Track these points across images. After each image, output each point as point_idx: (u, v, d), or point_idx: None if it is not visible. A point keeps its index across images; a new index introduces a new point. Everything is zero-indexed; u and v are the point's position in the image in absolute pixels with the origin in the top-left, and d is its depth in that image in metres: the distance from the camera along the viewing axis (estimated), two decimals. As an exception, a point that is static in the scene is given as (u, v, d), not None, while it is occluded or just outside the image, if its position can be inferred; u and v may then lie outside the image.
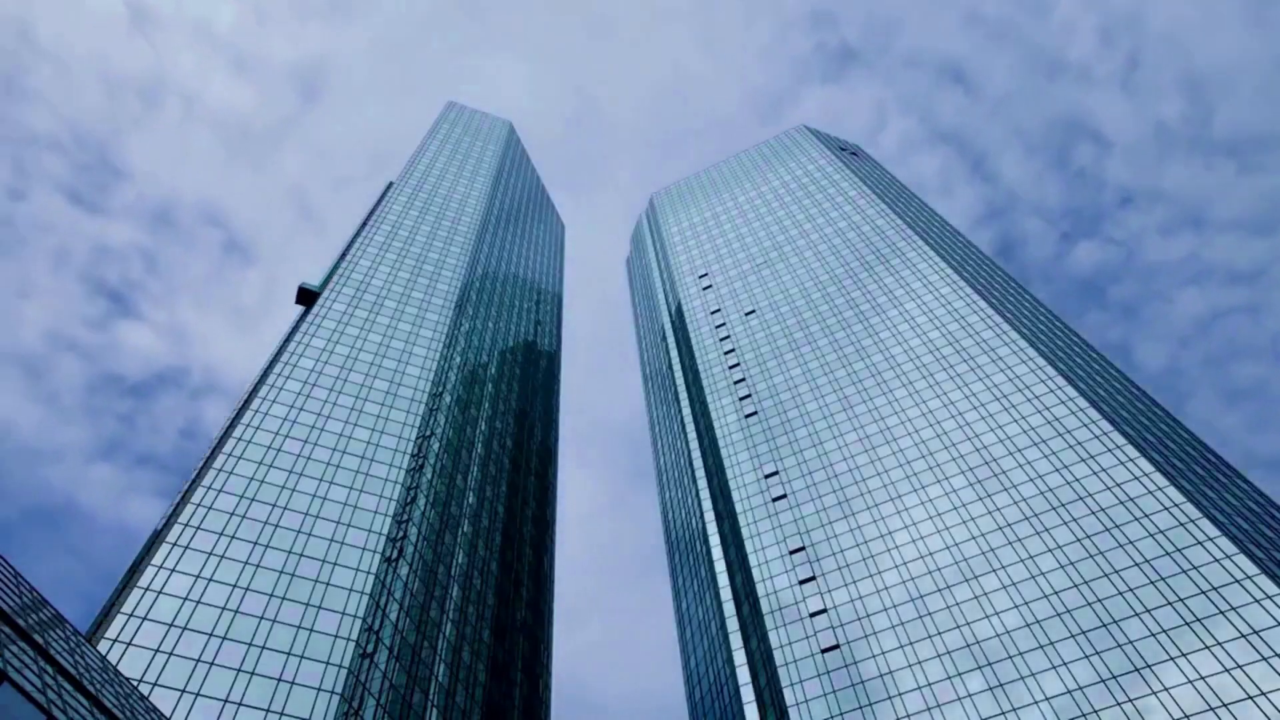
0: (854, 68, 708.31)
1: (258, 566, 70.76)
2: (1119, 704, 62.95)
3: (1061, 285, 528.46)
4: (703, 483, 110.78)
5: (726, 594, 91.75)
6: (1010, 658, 69.94)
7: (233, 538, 72.38)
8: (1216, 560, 68.91)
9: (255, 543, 72.80)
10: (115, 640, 60.08)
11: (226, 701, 59.39)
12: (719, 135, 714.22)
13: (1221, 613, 65.24)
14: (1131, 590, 70.05)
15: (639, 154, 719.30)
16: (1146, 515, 75.25)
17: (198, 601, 65.57)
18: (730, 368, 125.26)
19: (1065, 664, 67.38)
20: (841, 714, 72.11)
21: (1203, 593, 67.18)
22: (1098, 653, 66.95)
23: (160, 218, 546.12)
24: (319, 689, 62.61)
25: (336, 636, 67.31)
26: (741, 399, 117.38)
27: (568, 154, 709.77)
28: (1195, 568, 69.22)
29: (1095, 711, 63.22)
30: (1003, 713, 66.39)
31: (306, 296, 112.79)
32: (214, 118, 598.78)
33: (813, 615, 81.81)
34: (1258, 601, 64.70)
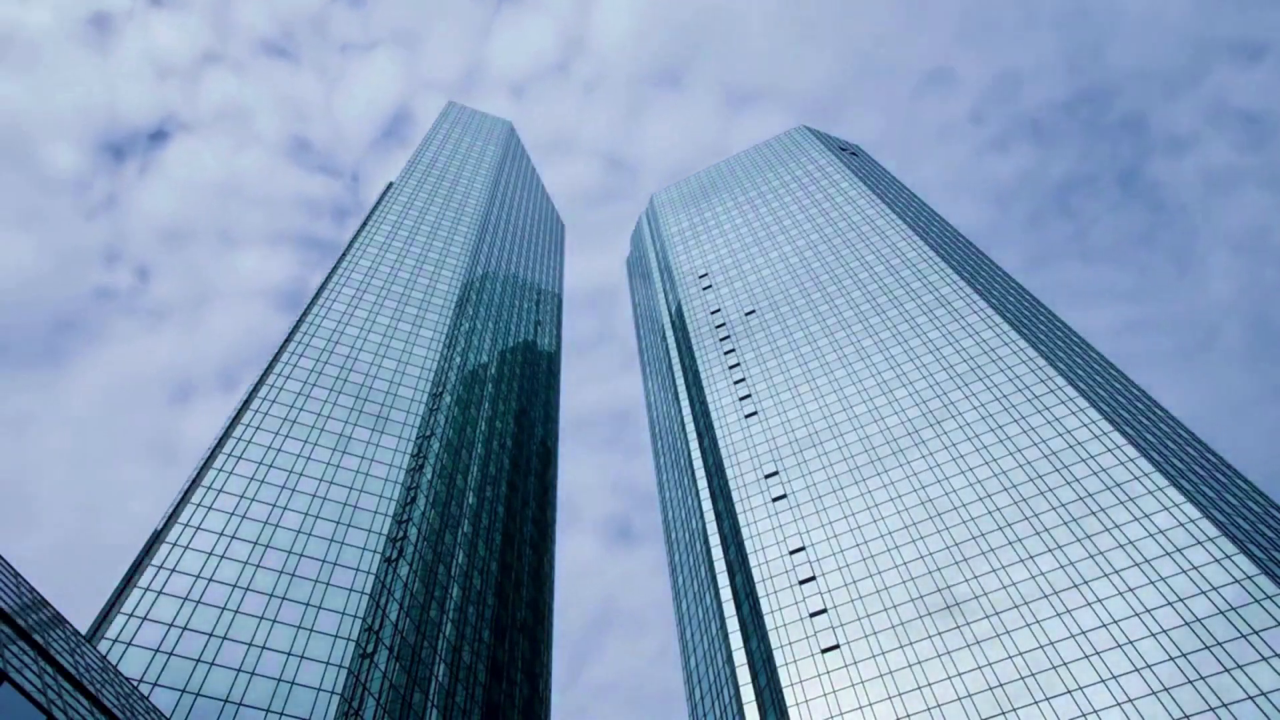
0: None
1: (258, 566, 70.79)
2: (1119, 704, 62.99)
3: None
4: (703, 483, 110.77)
5: (726, 594, 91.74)
6: (1010, 658, 69.96)
7: (233, 538, 72.41)
8: (1217, 560, 68.94)
9: (255, 543, 72.84)
10: (115, 640, 60.11)
11: (226, 701, 59.42)
12: (720, 135, 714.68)
13: (1221, 613, 65.26)
14: (1131, 590, 70.08)
15: (640, 153, 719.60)
16: (1147, 515, 75.31)
17: (198, 601, 65.60)
18: (730, 368, 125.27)
19: (1065, 664, 67.41)
20: (841, 714, 72.10)
21: (1202, 593, 67.21)
22: (1098, 652, 66.97)
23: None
24: (319, 689, 62.65)
25: (336, 636, 67.35)
26: (741, 399, 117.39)
27: (568, 153, 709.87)
28: (1195, 568, 69.25)
29: (1095, 711, 63.25)
30: (1003, 713, 66.41)
31: None
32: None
33: (813, 615, 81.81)
34: (1258, 602, 64.73)
